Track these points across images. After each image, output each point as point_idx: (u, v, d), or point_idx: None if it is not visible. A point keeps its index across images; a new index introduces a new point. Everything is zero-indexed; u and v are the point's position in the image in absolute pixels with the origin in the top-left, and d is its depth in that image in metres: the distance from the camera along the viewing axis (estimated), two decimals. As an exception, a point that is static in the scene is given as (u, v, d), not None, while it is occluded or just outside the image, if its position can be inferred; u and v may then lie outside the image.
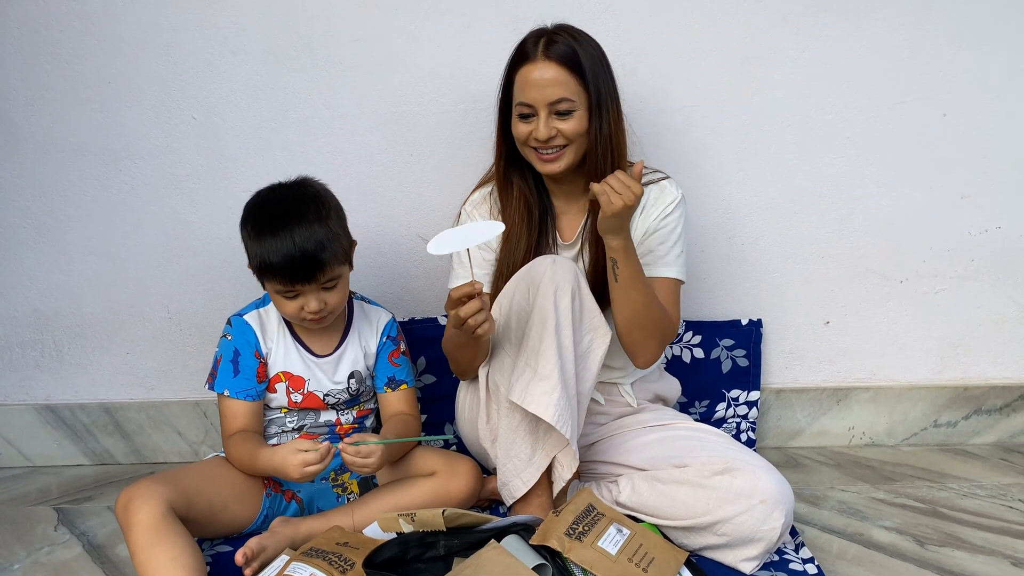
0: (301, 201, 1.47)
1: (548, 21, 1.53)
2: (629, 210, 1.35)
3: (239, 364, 1.54)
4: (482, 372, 1.52)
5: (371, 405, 1.69)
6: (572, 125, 1.46)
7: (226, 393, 1.53)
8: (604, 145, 1.49)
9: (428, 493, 1.55)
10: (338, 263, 1.48)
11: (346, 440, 1.41)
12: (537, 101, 1.45)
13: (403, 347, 1.67)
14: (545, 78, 1.45)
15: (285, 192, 1.50)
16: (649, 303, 1.48)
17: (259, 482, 1.54)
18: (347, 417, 1.63)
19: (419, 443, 1.64)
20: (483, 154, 1.73)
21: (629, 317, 1.49)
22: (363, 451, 1.40)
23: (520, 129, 1.50)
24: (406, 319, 1.89)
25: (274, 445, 1.56)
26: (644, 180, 1.58)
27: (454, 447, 1.88)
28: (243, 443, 1.50)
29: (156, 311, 1.92)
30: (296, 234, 1.42)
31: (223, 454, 1.57)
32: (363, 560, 1.34)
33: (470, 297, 1.33)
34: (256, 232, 1.45)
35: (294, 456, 1.39)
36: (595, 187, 1.36)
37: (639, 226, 1.57)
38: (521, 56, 1.48)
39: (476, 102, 1.80)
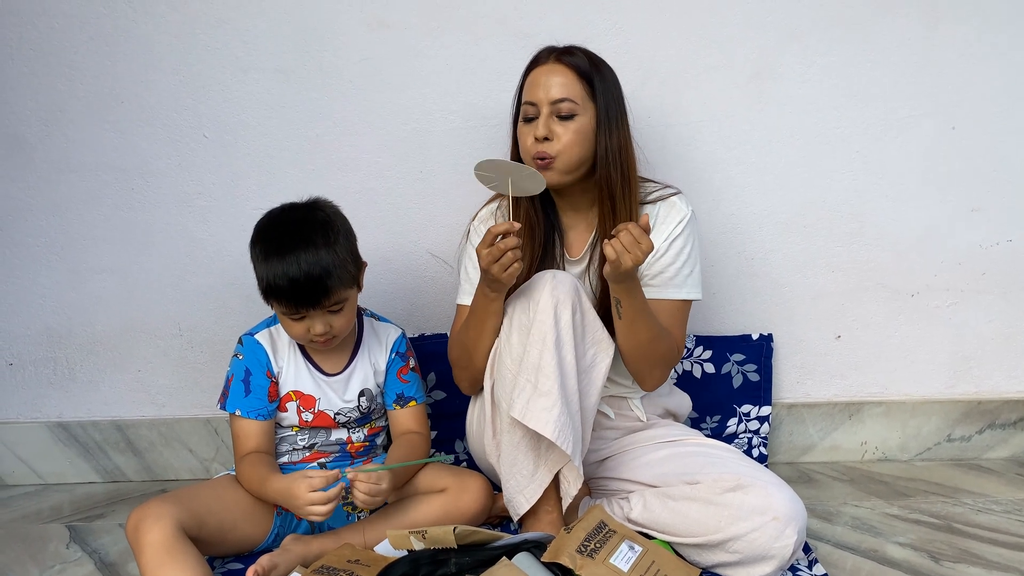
0: (309, 225, 1.46)
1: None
2: (638, 266, 1.35)
3: (251, 384, 1.54)
4: (487, 385, 1.52)
5: (383, 423, 1.69)
6: (570, 130, 1.45)
7: (237, 413, 1.53)
8: (614, 159, 1.49)
9: (439, 510, 1.55)
10: (344, 288, 1.47)
11: (349, 472, 1.40)
12: (540, 99, 1.46)
13: (412, 363, 1.67)
14: (552, 77, 1.46)
15: (295, 214, 1.50)
16: (654, 336, 1.48)
17: (269, 511, 1.54)
18: (358, 435, 1.64)
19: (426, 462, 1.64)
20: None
21: (634, 350, 1.50)
22: (375, 477, 1.39)
23: (525, 136, 1.50)
24: (416, 335, 1.90)
25: (284, 469, 1.57)
26: (653, 196, 1.58)
27: (464, 463, 1.88)
28: (254, 466, 1.50)
29: (167, 329, 1.93)
30: (302, 259, 1.42)
31: (233, 472, 1.57)
32: (374, 578, 1.34)
33: (507, 235, 1.34)
34: (263, 255, 1.45)
35: (301, 482, 1.36)
36: (607, 250, 1.34)
37: None
38: (533, 62, 1.51)
39: (485, 119, 1.81)
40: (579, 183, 1.53)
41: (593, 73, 1.47)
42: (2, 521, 1.78)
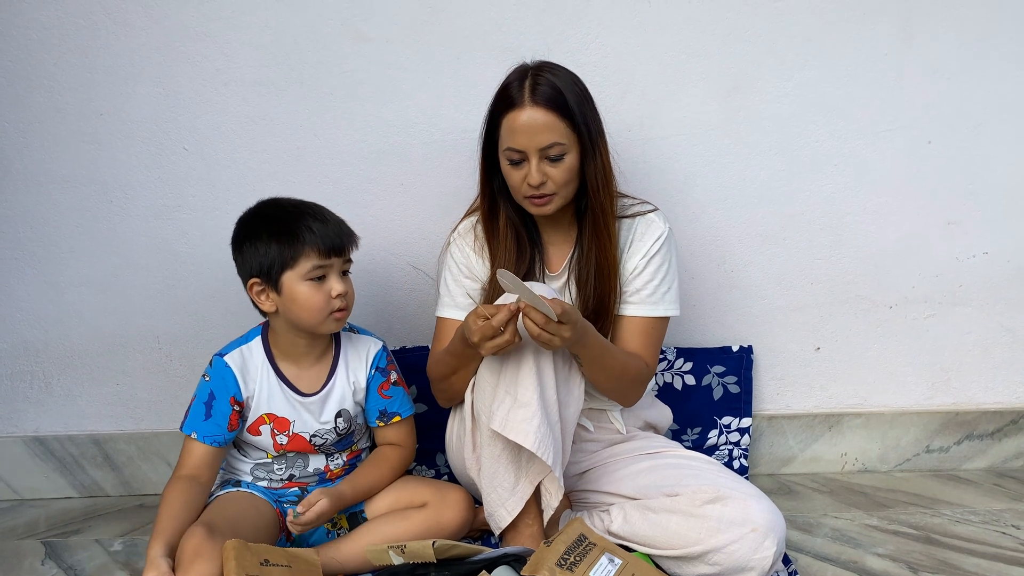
0: (302, 200, 1.54)
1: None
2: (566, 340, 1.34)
3: (212, 408, 1.51)
4: (468, 400, 1.52)
5: (364, 444, 1.67)
6: (563, 170, 1.45)
7: (193, 436, 1.50)
8: (600, 181, 1.49)
9: (420, 525, 1.53)
10: (354, 243, 1.53)
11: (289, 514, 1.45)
12: (527, 147, 1.43)
13: (395, 376, 1.64)
14: (535, 124, 1.42)
15: (282, 199, 1.54)
16: (619, 368, 1.49)
17: (272, 511, 1.55)
18: (337, 462, 1.62)
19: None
20: (474, 183, 1.73)
21: (604, 386, 1.52)
22: (311, 518, 1.44)
23: (513, 176, 1.48)
24: (398, 348, 1.89)
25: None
26: (631, 211, 1.59)
27: (445, 476, 1.87)
28: (182, 495, 1.45)
29: (146, 342, 1.91)
30: (319, 211, 1.51)
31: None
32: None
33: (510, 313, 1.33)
34: (282, 224, 1.46)
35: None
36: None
37: (627, 263, 1.57)
38: (507, 102, 1.45)
39: (466, 132, 1.81)
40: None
41: (568, 101, 1.43)
42: (-24, 537, 1.76)
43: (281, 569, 1.32)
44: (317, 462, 1.60)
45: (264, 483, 1.59)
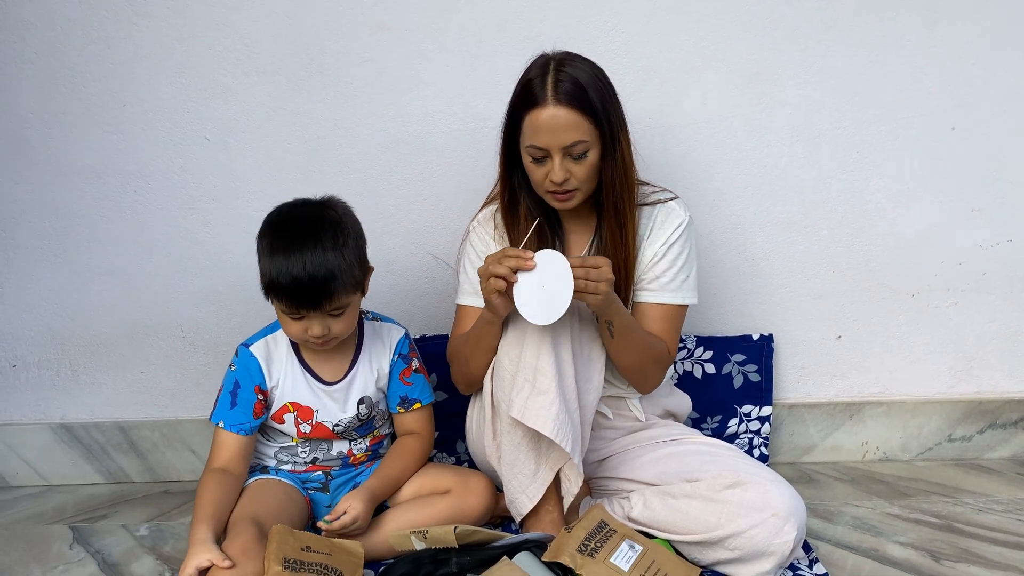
0: (319, 224, 1.42)
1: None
2: (608, 292, 1.37)
3: (237, 397, 1.52)
4: (487, 387, 1.52)
5: (387, 429, 1.68)
6: (586, 166, 1.44)
7: (220, 425, 1.52)
8: (619, 175, 1.48)
9: (444, 511, 1.54)
10: (347, 293, 1.43)
11: (322, 524, 1.44)
12: (550, 145, 1.42)
13: (416, 364, 1.65)
14: (558, 123, 1.40)
15: (306, 211, 1.46)
16: (645, 345, 1.50)
17: (303, 499, 1.58)
18: (360, 447, 1.63)
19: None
20: (493, 171, 1.73)
21: (627, 363, 1.53)
22: (346, 521, 1.43)
23: (535, 173, 1.47)
24: (417, 336, 1.90)
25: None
26: (651, 200, 1.58)
27: (465, 463, 1.88)
28: (218, 486, 1.46)
29: (170, 330, 1.93)
30: (308, 259, 1.38)
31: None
32: (375, 577, 1.34)
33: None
34: (269, 249, 1.42)
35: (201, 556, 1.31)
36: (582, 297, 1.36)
37: (646, 251, 1.57)
38: (529, 99, 1.42)
39: (486, 120, 1.81)
40: None
41: (591, 97, 1.41)
42: (6, 522, 1.78)
43: (321, 556, 1.33)
44: (340, 446, 1.61)
45: (288, 467, 1.61)
